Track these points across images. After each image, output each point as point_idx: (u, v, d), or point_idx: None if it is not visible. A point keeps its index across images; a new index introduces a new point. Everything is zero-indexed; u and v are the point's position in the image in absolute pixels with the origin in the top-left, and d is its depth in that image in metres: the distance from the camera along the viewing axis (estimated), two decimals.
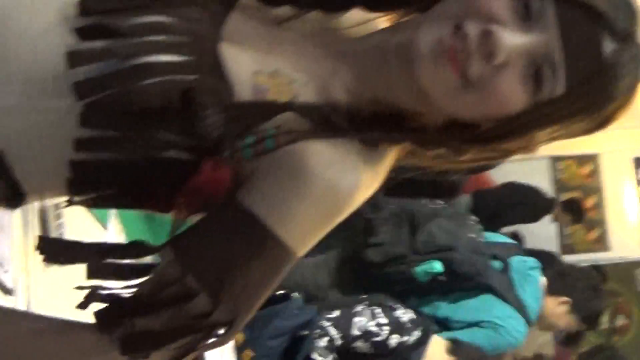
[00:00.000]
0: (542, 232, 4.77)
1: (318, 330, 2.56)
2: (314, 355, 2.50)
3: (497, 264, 2.88)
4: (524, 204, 4.35)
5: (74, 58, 0.73)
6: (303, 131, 0.76)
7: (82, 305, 0.76)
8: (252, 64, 0.78)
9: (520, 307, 2.81)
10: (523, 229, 4.42)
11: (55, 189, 0.80)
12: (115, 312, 0.75)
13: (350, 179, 0.77)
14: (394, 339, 2.61)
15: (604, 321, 4.73)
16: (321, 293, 3.00)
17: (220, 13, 0.79)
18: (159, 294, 0.74)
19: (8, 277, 1.50)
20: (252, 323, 2.21)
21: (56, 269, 0.80)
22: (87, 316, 0.76)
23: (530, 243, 4.45)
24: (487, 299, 2.83)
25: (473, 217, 3.12)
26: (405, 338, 2.63)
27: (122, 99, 0.73)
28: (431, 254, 2.84)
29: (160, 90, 0.73)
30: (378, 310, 2.65)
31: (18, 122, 0.75)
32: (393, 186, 0.88)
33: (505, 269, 2.89)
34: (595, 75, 0.75)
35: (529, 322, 2.84)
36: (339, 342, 2.57)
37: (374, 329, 2.59)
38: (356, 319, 2.60)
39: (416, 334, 2.64)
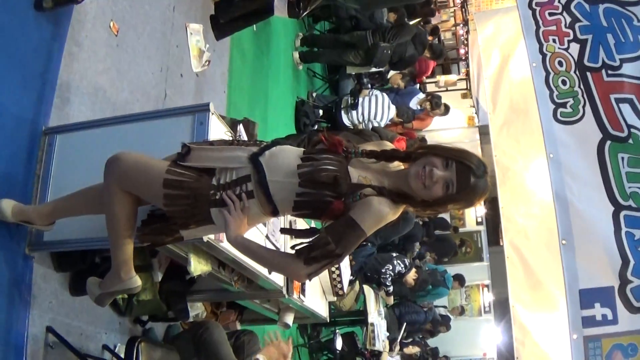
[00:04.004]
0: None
1: (385, 270, 6.74)
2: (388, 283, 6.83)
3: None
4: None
5: (299, 166, 2.18)
6: (372, 194, 2.11)
7: (294, 247, 2.15)
8: (358, 173, 2.19)
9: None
10: None
11: (288, 210, 2.21)
12: (305, 249, 2.12)
13: (386, 210, 2.10)
14: (403, 270, 6.96)
15: (463, 251, 11.47)
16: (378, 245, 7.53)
17: (349, 159, 2.24)
18: (319, 242, 2.10)
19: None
20: (355, 253, 8.06)
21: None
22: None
23: None
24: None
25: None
26: (406, 269, 7.02)
27: (314, 177, 2.13)
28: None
29: (327, 176, 2.12)
30: (400, 261, 6.96)
31: (279, 186, 2.19)
32: None
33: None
34: (467, 190, 2.09)
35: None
36: (391, 274, 6.86)
37: (402, 269, 6.94)
38: (396, 266, 6.87)
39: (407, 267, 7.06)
